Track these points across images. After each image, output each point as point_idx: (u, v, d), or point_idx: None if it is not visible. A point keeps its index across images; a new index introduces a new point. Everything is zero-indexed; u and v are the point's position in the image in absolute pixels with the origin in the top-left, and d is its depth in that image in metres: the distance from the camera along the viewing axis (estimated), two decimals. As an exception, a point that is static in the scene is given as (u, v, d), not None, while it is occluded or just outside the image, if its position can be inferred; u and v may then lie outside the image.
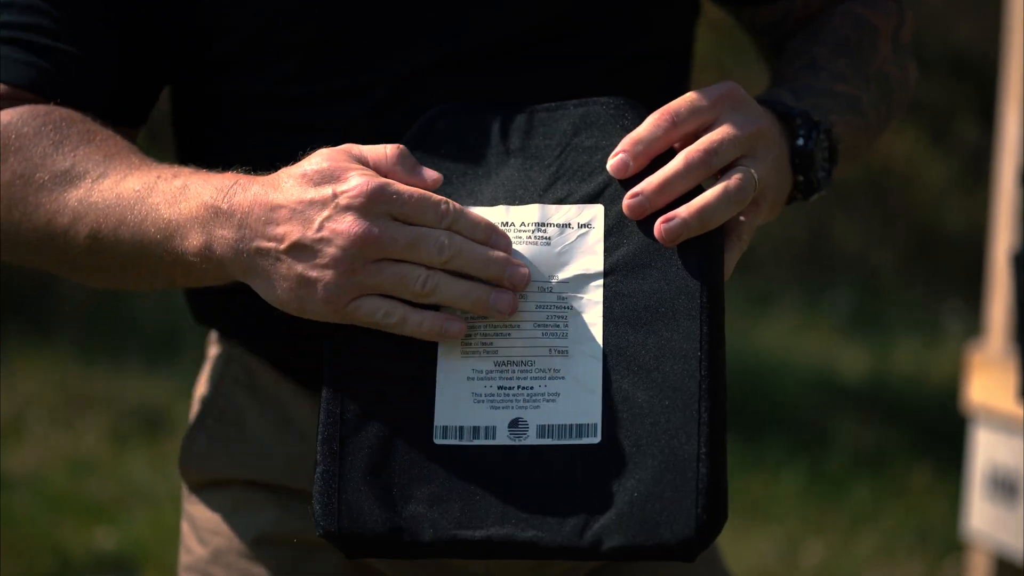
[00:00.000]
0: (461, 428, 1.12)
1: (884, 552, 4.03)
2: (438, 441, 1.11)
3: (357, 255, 1.08)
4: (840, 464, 4.61)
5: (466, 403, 1.12)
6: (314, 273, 1.09)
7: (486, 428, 1.11)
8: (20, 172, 1.20)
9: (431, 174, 1.13)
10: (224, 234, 1.11)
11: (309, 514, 1.17)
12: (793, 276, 6.93)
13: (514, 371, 1.11)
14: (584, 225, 1.13)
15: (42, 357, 5.21)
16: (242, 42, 1.26)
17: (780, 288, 6.73)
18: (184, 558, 1.39)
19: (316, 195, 1.08)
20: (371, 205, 1.07)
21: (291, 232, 1.09)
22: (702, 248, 1.11)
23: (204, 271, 1.14)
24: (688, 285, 1.10)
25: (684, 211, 1.10)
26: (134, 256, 1.17)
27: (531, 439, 1.10)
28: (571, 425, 1.09)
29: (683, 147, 1.13)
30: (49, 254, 1.22)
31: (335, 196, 1.08)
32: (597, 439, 1.08)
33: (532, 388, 1.11)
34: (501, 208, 1.15)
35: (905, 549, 4.04)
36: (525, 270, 1.11)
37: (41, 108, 1.23)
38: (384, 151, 1.13)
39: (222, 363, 1.40)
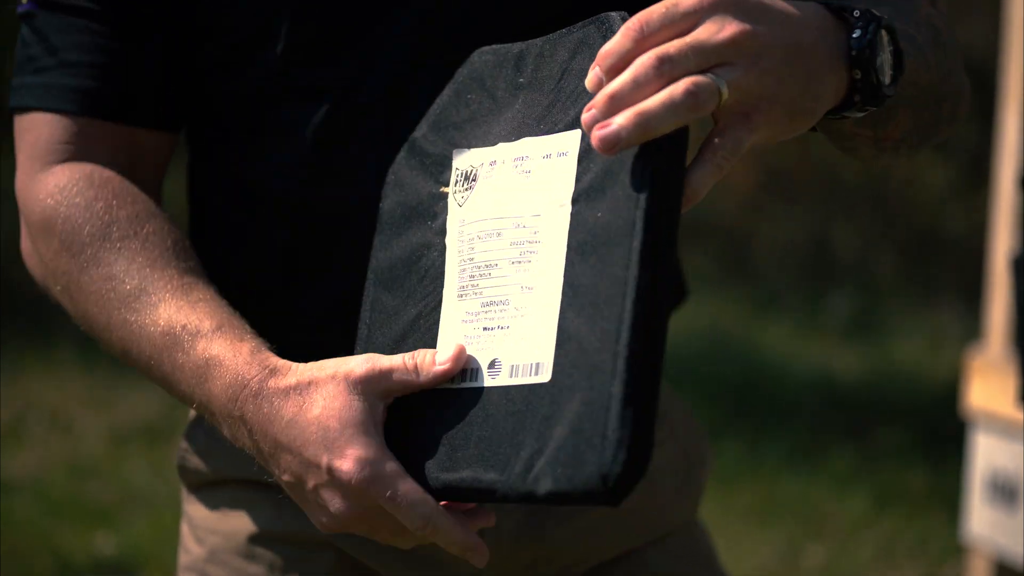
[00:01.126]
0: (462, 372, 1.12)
1: (884, 556, 4.03)
2: (451, 384, 1.12)
3: (344, 523, 1.12)
4: (840, 468, 4.61)
5: (455, 344, 1.12)
6: (308, 509, 1.15)
7: (472, 370, 1.11)
8: (65, 256, 1.24)
9: (447, 357, 1.12)
10: (243, 435, 1.16)
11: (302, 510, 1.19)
12: (793, 280, 6.94)
13: (494, 311, 1.10)
14: (562, 153, 1.09)
15: (42, 361, 5.21)
16: (240, 41, 1.27)
17: (780, 292, 6.74)
18: (183, 558, 1.40)
19: (312, 457, 1.10)
20: (359, 495, 1.09)
21: (290, 474, 1.13)
22: (646, 168, 1.03)
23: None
24: (627, 211, 1.03)
25: (620, 117, 1.01)
26: (163, 387, 1.24)
27: (503, 380, 1.09)
28: (531, 364, 1.07)
29: None
30: (89, 331, 1.27)
31: (329, 470, 1.09)
32: (547, 378, 1.06)
33: (508, 327, 1.09)
34: (499, 147, 1.14)
35: (905, 553, 4.04)
36: (485, 554, 1.12)
37: (96, 175, 1.25)
38: (404, 365, 1.12)
39: None
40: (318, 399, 1.11)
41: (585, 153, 1.08)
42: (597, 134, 1.00)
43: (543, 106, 1.13)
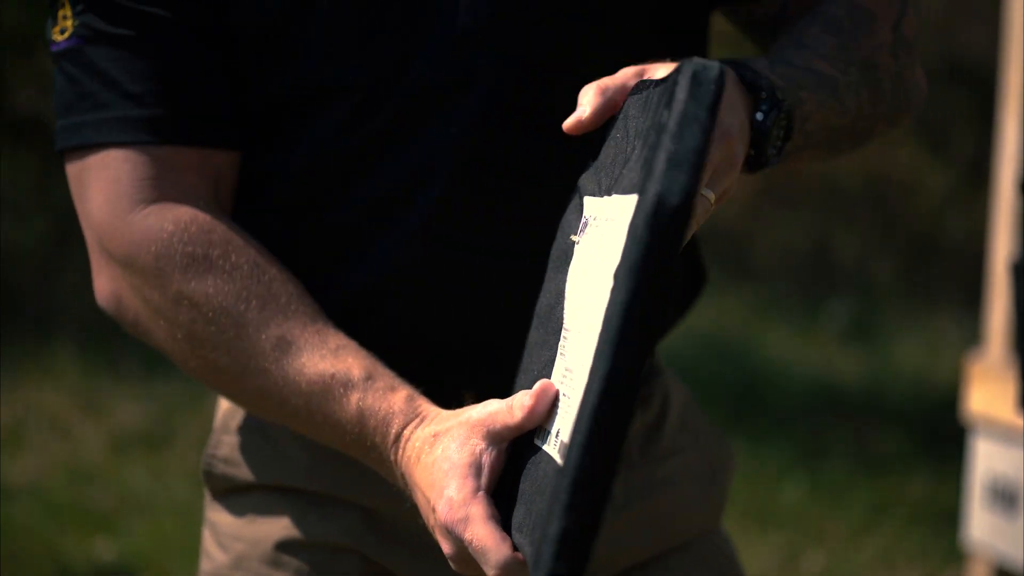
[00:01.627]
0: (544, 431, 1.11)
1: (884, 561, 4.03)
2: (535, 442, 1.12)
3: (453, 563, 1.14)
4: (840, 473, 4.61)
5: (554, 406, 1.11)
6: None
7: (549, 433, 1.10)
8: (187, 298, 1.24)
9: (527, 404, 1.13)
10: (390, 476, 1.21)
11: (330, 517, 1.21)
12: (793, 284, 6.93)
13: (568, 378, 1.09)
14: (622, 220, 1.04)
15: (42, 366, 5.21)
16: (275, 46, 1.28)
17: (780, 296, 6.73)
18: (205, 564, 1.40)
19: (427, 497, 1.14)
20: (448, 535, 1.12)
21: (423, 512, 1.16)
22: (625, 274, 0.97)
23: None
24: (604, 311, 0.98)
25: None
26: (304, 431, 1.26)
27: (555, 451, 1.08)
28: (563, 442, 1.06)
29: None
30: (196, 372, 1.28)
31: (433, 510, 1.13)
32: (563, 461, 1.01)
33: (569, 398, 1.08)
34: (603, 200, 1.11)
35: (905, 558, 4.04)
36: None
37: (200, 219, 1.25)
38: (503, 405, 1.13)
39: None
40: (444, 442, 1.14)
41: (631, 223, 1.00)
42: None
43: (636, 159, 1.07)
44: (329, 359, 1.21)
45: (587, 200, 1.14)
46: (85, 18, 1.25)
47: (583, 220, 1.13)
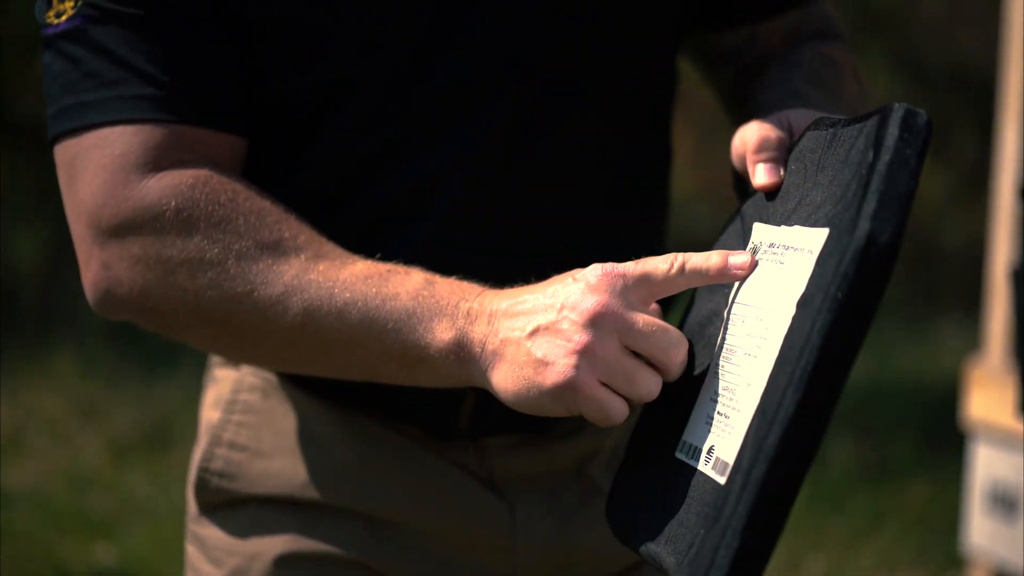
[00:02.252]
0: (691, 446, 1.12)
1: (884, 566, 4.03)
2: (676, 454, 1.14)
3: (597, 328, 1.10)
4: (840, 478, 4.61)
5: (701, 422, 1.12)
6: (557, 348, 1.11)
7: (695, 449, 1.11)
8: (218, 238, 1.20)
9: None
10: (476, 329, 1.15)
11: (333, 529, 1.19)
12: (793, 290, 6.92)
13: (726, 397, 1.10)
14: (809, 251, 1.07)
15: (42, 371, 5.21)
16: (300, 39, 1.27)
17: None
18: None
19: (559, 284, 1.13)
20: (608, 285, 1.11)
21: (535, 318, 1.12)
22: (828, 307, 1.01)
23: (435, 366, 1.17)
24: (801, 340, 1.02)
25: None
26: (350, 341, 1.19)
27: (708, 468, 1.09)
28: (724, 461, 1.07)
29: None
30: (223, 327, 1.22)
31: (575, 279, 1.12)
32: (724, 480, 1.05)
33: (728, 417, 1.09)
34: (780, 228, 1.13)
35: (905, 564, 4.04)
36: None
37: (218, 173, 1.23)
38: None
39: (234, 380, 1.41)
40: (566, 277, 1.14)
41: (822, 255, 1.05)
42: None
43: (823, 193, 1.10)
44: (378, 263, 1.20)
45: (757, 227, 1.16)
46: None
47: (751, 246, 1.16)
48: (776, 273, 1.10)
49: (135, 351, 5.32)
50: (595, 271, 1.11)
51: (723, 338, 1.14)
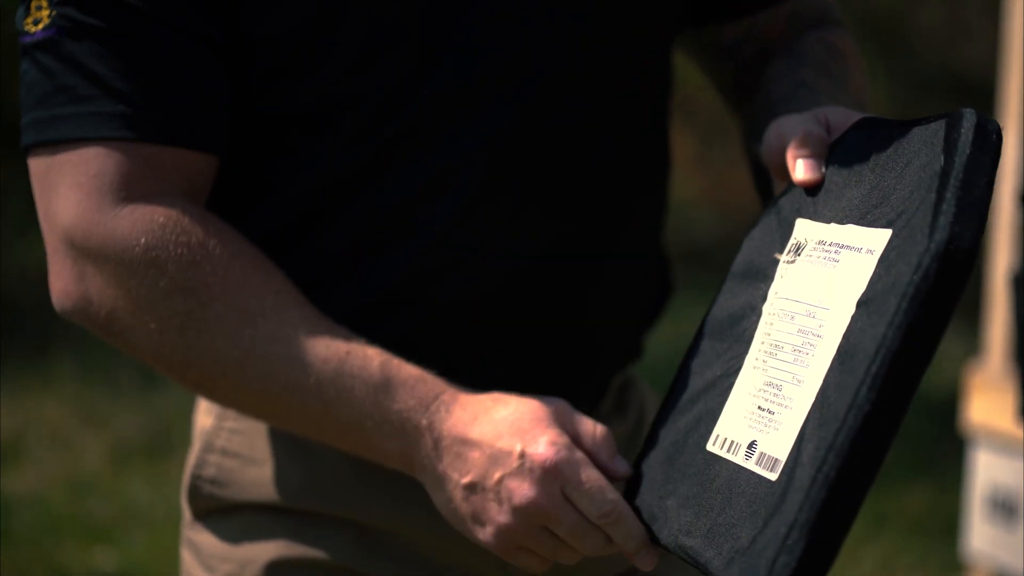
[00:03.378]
0: (726, 440, 1.14)
1: (885, 571, 4.02)
2: (709, 447, 1.15)
3: (522, 519, 1.14)
4: (840, 484, 4.60)
5: (739, 416, 1.13)
6: (483, 515, 1.16)
7: (735, 444, 1.12)
8: (185, 286, 1.20)
9: (621, 468, 1.17)
10: (421, 448, 1.18)
11: (323, 536, 1.19)
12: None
13: (770, 393, 1.11)
14: (869, 251, 1.08)
15: (42, 377, 5.20)
16: (295, 52, 1.27)
17: (780, 308, 6.72)
18: None
19: (505, 446, 1.14)
20: (548, 478, 1.13)
21: (474, 472, 1.16)
22: (916, 295, 1.03)
23: (382, 459, 1.22)
24: (874, 340, 1.03)
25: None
26: (306, 420, 1.22)
27: (752, 464, 1.10)
28: (772, 457, 1.08)
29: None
30: (182, 372, 1.24)
31: (522, 455, 1.14)
32: (775, 476, 1.06)
33: (773, 413, 1.10)
34: (831, 226, 1.13)
35: (905, 568, 4.03)
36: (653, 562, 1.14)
37: (191, 211, 1.22)
38: (593, 430, 1.16)
39: None
40: (511, 403, 1.16)
41: (886, 256, 1.06)
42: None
43: (881, 195, 1.11)
44: (341, 341, 1.20)
45: (802, 222, 1.17)
46: (66, 9, 1.21)
47: (795, 242, 1.16)
48: (828, 271, 1.11)
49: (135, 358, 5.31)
50: (543, 458, 1.13)
51: (766, 333, 1.14)
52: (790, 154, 1.19)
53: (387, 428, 1.19)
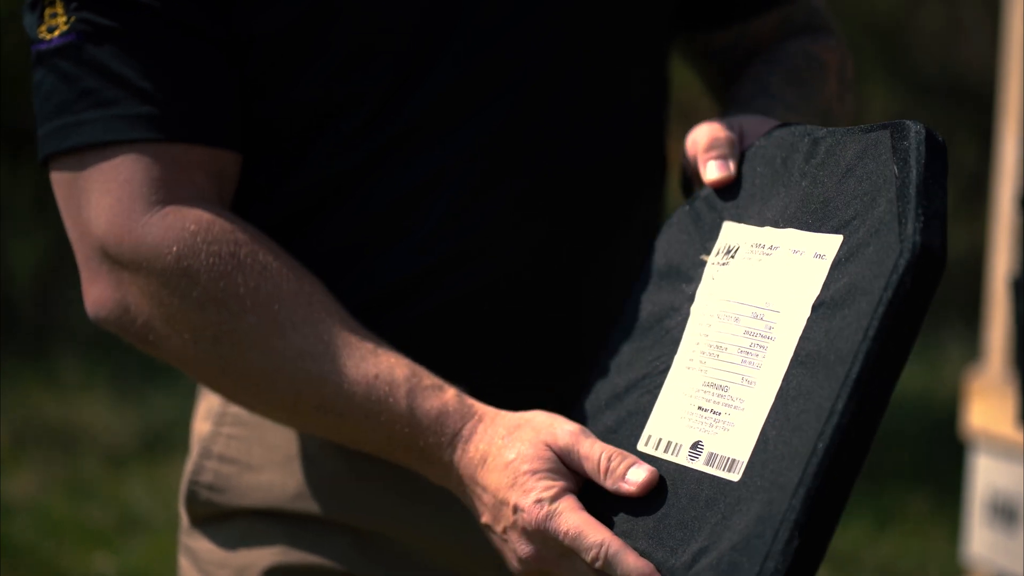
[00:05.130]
0: (660, 440, 1.14)
1: (885, 577, 4.02)
2: (639, 447, 1.15)
3: (530, 567, 1.16)
4: (840, 489, 4.60)
5: (672, 416, 1.14)
6: (503, 552, 1.19)
7: (675, 445, 1.13)
8: (217, 296, 1.20)
9: (634, 481, 1.14)
10: (450, 479, 1.21)
11: (321, 541, 1.19)
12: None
13: (712, 393, 1.11)
14: (819, 255, 1.09)
15: (42, 381, 5.21)
16: (295, 51, 1.27)
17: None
18: None
19: (505, 497, 1.15)
20: (537, 537, 1.14)
21: (487, 515, 1.18)
22: (880, 306, 1.03)
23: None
24: (853, 337, 1.03)
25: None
26: (340, 437, 1.24)
27: (700, 464, 1.10)
28: (728, 458, 1.08)
29: None
30: (215, 379, 1.24)
31: (515, 511, 1.14)
32: (737, 477, 1.07)
33: (719, 414, 1.10)
34: (765, 230, 1.15)
35: (905, 574, 4.03)
36: None
37: (223, 218, 1.22)
38: (599, 456, 1.14)
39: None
40: (515, 445, 1.15)
41: (840, 261, 1.08)
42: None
43: (820, 200, 1.12)
44: (370, 359, 1.20)
45: (730, 226, 1.18)
46: (84, 14, 1.21)
47: (724, 244, 1.17)
48: (771, 274, 1.11)
49: (134, 361, 5.31)
50: (528, 519, 1.13)
51: (703, 334, 1.14)
52: (701, 156, 1.21)
53: (415, 455, 1.21)
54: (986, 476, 2.99)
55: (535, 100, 1.29)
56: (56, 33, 1.22)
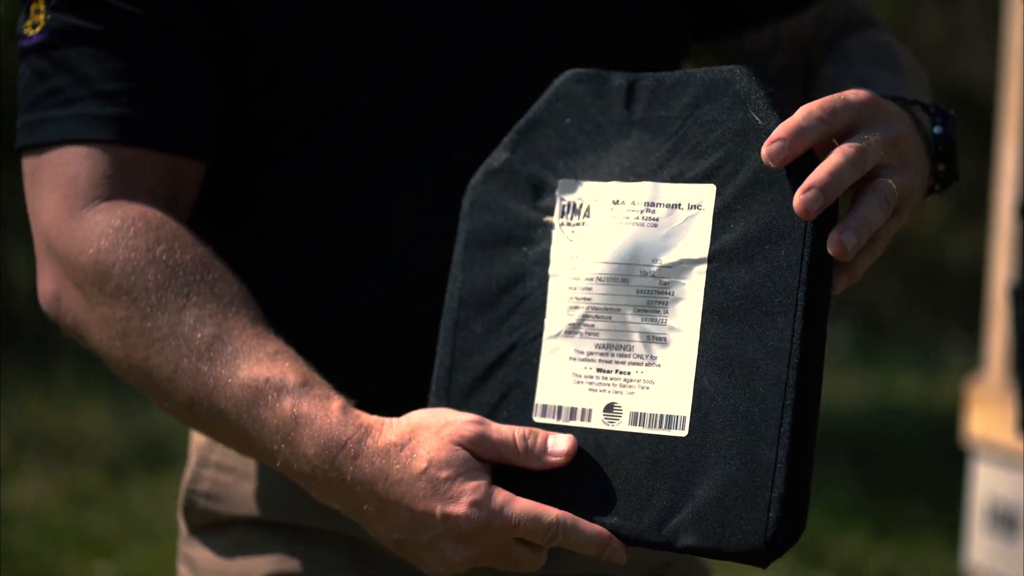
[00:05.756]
0: (559, 408, 1.13)
1: (885, 586, 4.02)
2: (536, 419, 1.14)
3: (466, 566, 1.13)
4: (841, 497, 4.61)
5: (567, 383, 1.13)
6: (422, 560, 1.15)
7: (583, 410, 1.12)
8: (129, 289, 1.20)
9: (559, 451, 1.13)
10: (334, 493, 1.17)
11: (317, 550, 1.18)
12: (793, 309, 6.92)
13: (613, 355, 1.11)
14: (694, 206, 1.10)
15: (41, 390, 5.21)
16: (286, 58, 1.26)
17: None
18: None
19: (427, 509, 1.12)
20: (481, 538, 1.11)
21: (402, 530, 1.14)
22: (807, 242, 1.06)
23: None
24: (788, 281, 1.05)
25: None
26: (235, 445, 1.22)
27: (623, 425, 1.10)
28: (662, 415, 1.09)
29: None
30: (127, 376, 1.25)
31: (445, 519, 1.11)
32: (684, 432, 1.07)
33: (629, 373, 1.10)
34: (614, 184, 1.14)
35: (906, 583, 4.03)
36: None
37: (150, 216, 1.21)
38: (512, 438, 1.13)
39: None
40: (422, 452, 1.12)
41: (725, 211, 1.08)
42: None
43: (663, 150, 1.13)
44: (265, 363, 1.18)
45: (567, 183, 1.16)
46: (59, 13, 1.22)
47: (567, 202, 1.16)
48: (646, 229, 1.11)
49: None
50: (467, 523, 1.11)
51: (583, 298, 1.13)
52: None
53: (298, 469, 1.17)
54: (986, 484, 2.99)
55: (535, 100, 1.29)
56: (37, 30, 1.23)
